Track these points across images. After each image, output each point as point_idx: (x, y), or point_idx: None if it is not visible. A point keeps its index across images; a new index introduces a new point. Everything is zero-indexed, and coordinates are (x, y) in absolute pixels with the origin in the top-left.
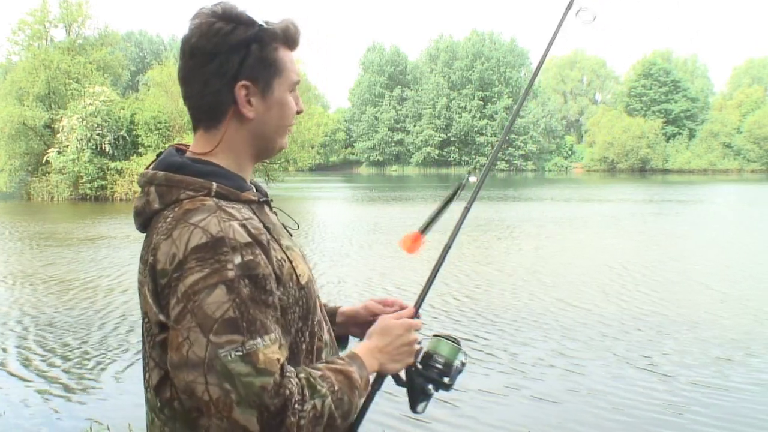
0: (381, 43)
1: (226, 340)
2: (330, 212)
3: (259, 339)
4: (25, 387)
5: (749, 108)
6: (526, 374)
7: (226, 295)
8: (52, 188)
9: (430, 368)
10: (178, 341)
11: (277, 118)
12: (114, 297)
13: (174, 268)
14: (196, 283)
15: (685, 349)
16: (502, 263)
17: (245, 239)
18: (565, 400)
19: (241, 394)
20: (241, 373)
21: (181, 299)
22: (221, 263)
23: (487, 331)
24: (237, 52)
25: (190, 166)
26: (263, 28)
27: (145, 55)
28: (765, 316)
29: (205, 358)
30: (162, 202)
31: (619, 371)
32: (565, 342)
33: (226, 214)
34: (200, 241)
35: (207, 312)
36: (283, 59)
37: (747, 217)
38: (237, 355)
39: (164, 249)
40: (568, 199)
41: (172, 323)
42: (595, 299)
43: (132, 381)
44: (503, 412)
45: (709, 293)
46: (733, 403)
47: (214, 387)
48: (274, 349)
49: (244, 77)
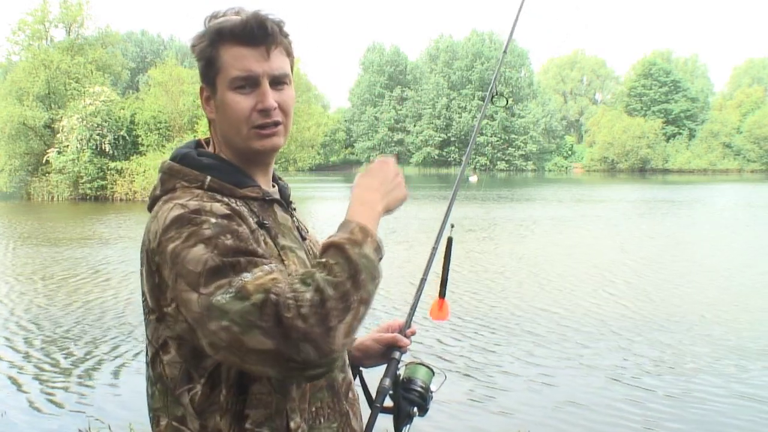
0: (381, 43)
1: (214, 287)
2: (332, 212)
3: (246, 274)
4: (25, 387)
5: (749, 108)
6: (533, 379)
7: (204, 250)
8: (52, 188)
9: (412, 392)
10: (185, 303)
11: (226, 118)
12: (114, 296)
13: (156, 244)
14: (176, 247)
15: (685, 351)
16: (491, 263)
17: (223, 212)
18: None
19: (240, 324)
20: (236, 309)
21: (171, 267)
22: (197, 226)
23: (481, 335)
24: (200, 62)
25: (192, 158)
26: (211, 27)
27: (146, 55)
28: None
29: (203, 310)
30: (162, 189)
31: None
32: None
33: (208, 197)
34: (177, 213)
35: (190, 269)
36: (223, 57)
37: (746, 218)
38: (229, 297)
39: (151, 229)
40: (561, 200)
41: (170, 293)
42: (581, 302)
43: (132, 380)
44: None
45: (708, 294)
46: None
47: (220, 332)
48: (266, 277)
49: (203, 83)
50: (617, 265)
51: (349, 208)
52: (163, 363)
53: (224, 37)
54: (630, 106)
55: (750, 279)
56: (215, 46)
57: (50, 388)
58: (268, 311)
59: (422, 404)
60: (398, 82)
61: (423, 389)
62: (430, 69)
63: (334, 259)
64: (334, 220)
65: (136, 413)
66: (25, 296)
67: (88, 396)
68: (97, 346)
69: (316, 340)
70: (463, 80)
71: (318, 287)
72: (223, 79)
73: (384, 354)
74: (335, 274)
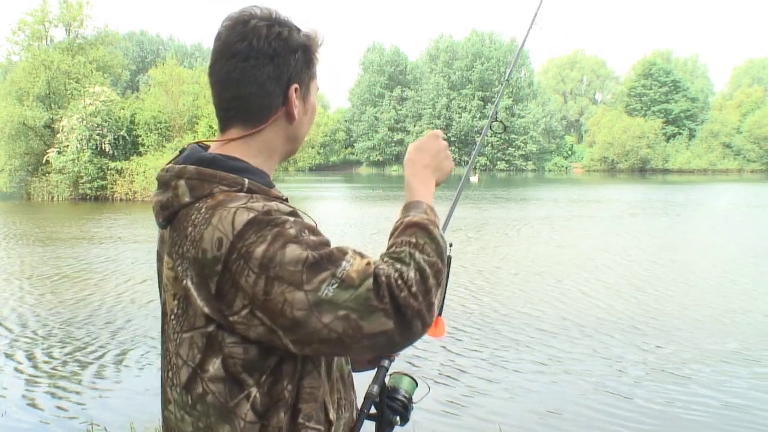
0: (381, 43)
1: (318, 281)
2: (332, 212)
3: (343, 262)
4: (25, 387)
5: (749, 108)
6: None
7: (298, 248)
8: (52, 188)
9: (396, 401)
10: (278, 309)
11: (309, 120)
12: (114, 297)
13: (228, 251)
14: (266, 252)
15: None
16: (488, 263)
17: (288, 209)
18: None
19: (359, 310)
20: (346, 298)
21: (260, 273)
22: (279, 226)
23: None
24: (293, 55)
25: (223, 161)
26: (307, 34)
27: (146, 55)
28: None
29: (311, 306)
30: (193, 195)
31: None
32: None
33: (262, 199)
34: (248, 218)
35: (291, 269)
36: (316, 65)
37: (744, 218)
38: (335, 288)
39: (208, 237)
40: (556, 200)
41: (262, 298)
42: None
43: (132, 381)
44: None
45: (699, 297)
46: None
47: (334, 323)
48: (358, 261)
49: (295, 80)
50: (605, 267)
51: (413, 186)
52: (204, 381)
53: (318, 46)
54: (630, 106)
55: (744, 280)
56: (314, 52)
57: (50, 388)
58: (384, 293)
59: (404, 414)
60: (398, 82)
61: (406, 399)
62: (430, 69)
63: (423, 239)
64: (334, 220)
65: (137, 414)
66: (25, 296)
67: (88, 396)
68: (98, 347)
69: (424, 316)
70: (463, 80)
71: (419, 266)
72: (315, 85)
73: (371, 360)
74: (428, 253)
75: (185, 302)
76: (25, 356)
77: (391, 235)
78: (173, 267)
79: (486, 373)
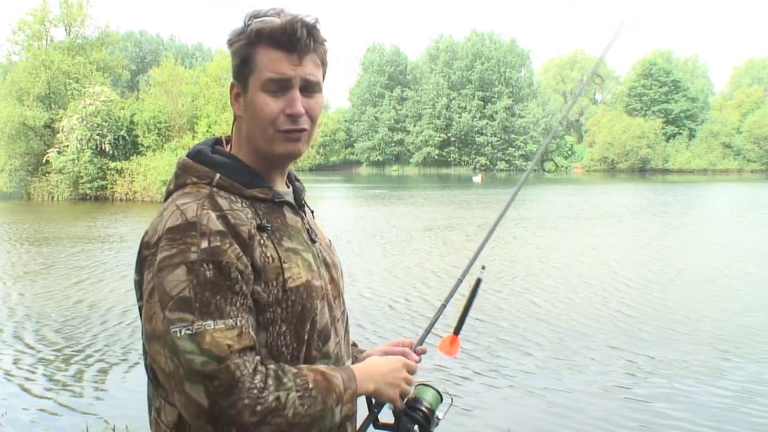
0: (381, 43)
1: (177, 317)
2: (332, 212)
3: (210, 321)
4: (25, 387)
5: (749, 108)
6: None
7: (185, 275)
8: (52, 188)
9: (417, 411)
10: (150, 314)
11: (254, 117)
12: (114, 297)
13: (153, 243)
14: (163, 260)
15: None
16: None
17: (218, 227)
18: None
19: (186, 370)
20: (185, 350)
21: (155, 275)
22: (186, 245)
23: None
24: (233, 53)
25: (205, 155)
26: (250, 26)
27: (145, 55)
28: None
29: (162, 331)
30: (175, 184)
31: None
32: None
33: (210, 203)
34: (174, 223)
35: (166, 289)
36: (259, 57)
37: (745, 219)
38: (185, 333)
39: (153, 224)
40: (552, 201)
41: (146, 297)
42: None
43: (131, 381)
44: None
45: (694, 297)
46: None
47: (168, 360)
48: (226, 334)
49: (235, 77)
50: (599, 268)
51: (363, 370)
52: (149, 362)
53: (262, 39)
54: (630, 106)
55: (738, 281)
56: (253, 45)
57: (50, 388)
58: (222, 384)
59: (425, 425)
60: (398, 82)
61: (428, 410)
62: (430, 69)
63: (317, 393)
64: (334, 220)
65: (135, 414)
66: (25, 296)
67: (87, 396)
68: (97, 347)
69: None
70: (463, 80)
71: (284, 401)
72: (256, 80)
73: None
74: (305, 405)
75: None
76: (24, 356)
77: (317, 366)
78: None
79: (487, 380)
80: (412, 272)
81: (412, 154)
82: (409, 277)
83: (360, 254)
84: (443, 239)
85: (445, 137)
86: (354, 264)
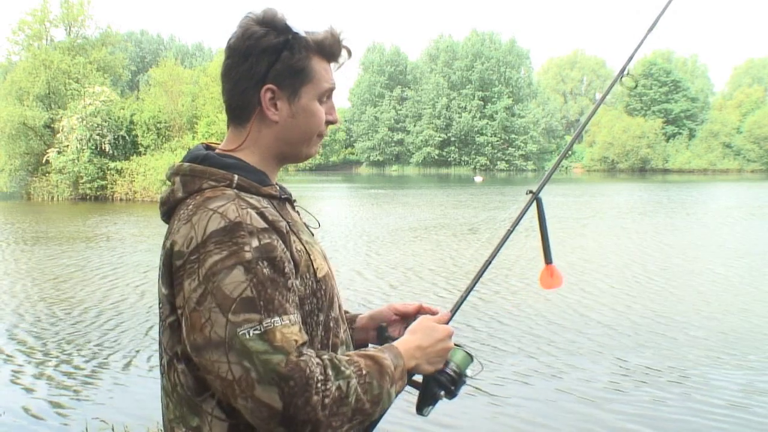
0: (381, 43)
1: (243, 318)
2: (331, 212)
3: (276, 318)
4: (25, 386)
5: (749, 108)
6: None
7: (244, 276)
8: (52, 188)
9: (445, 374)
10: (200, 322)
11: (303, 125)
12: (115, 297)
13: (191, 251)
14: (215, 264)
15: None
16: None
17: (262, 224)
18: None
19: (260, 372)
20: (258, 350)
21: (202, 282)
22: (239, 245)
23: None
24: (266, 56)
25: (214, 158)
26: (296, 35)
27: (145, 55)
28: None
29: (225, 337)
30: (185, 190)
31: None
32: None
33: (244, 202)
34: (218, 226)
35: (225, 292)
36: (314, 68)
37: (745, 219)
38: (255, 334)
39: (183, 232)
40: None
41: (193, 305)
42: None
43: (131, 381)
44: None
45: (693, 297)
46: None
47: (235, 366)
48: (292, 330)
49: (270, 81)
50: (599, 267)
51: (407, 346)
52: (178, 371)
53: (311, 49)
54: (630, 106)
55: (735, 281)
56: (304, 55)
57: (49, 388)
58: (297, 380)
59: (450, 389)
60: (398, 82)
61: (456, 373)
62: (430, 69)
63: (371, 378)
64: (334, 220)
65: (135, 415)
66: (25, 296)
67: (86, 396)
68: (97, 347)
69: (318, 428)
70: (463, 80)
71: (346, 390)
72: (312, 89)
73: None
74: (365, 390)
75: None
76: (24, 356)
77: (363, 350)
78: (162, 256)
79: (493, 381)
80: (425, 272)
81: (412, 154)
82: (419, 276)
83: (370, 252)
84: (468, 240)
85: (445, 137)
86: (369, 260)
